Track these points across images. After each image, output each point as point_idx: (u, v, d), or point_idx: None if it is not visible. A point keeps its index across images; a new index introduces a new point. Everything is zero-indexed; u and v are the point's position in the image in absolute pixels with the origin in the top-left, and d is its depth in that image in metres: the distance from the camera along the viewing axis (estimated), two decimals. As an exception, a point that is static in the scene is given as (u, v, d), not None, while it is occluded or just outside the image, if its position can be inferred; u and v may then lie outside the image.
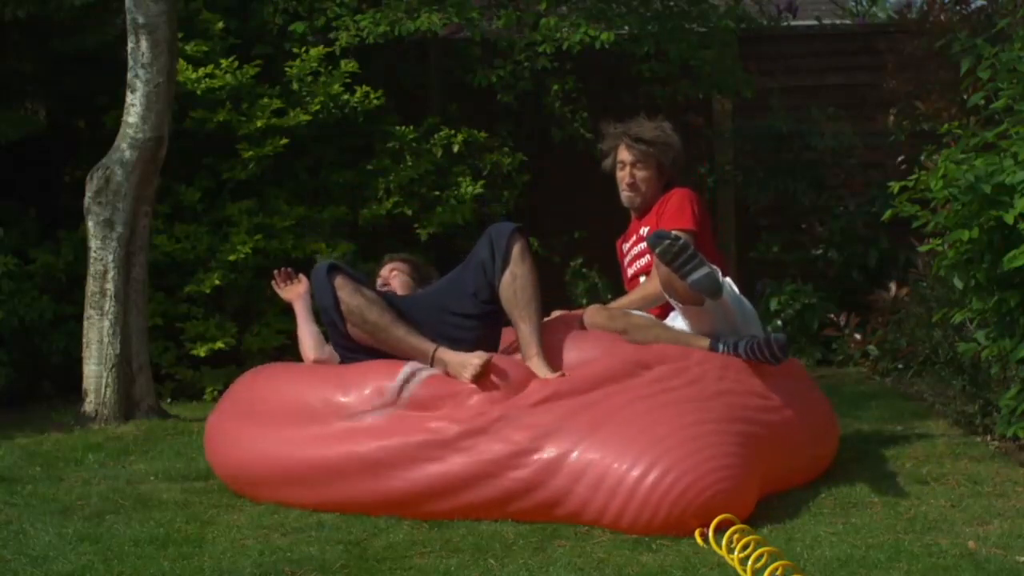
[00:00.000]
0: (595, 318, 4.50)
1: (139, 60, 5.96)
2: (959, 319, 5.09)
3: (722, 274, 4.30)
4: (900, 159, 7.79)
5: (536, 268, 4.33)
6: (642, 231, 4.78)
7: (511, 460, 3.86)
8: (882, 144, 8.16)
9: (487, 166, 7.80)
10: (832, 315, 7.49)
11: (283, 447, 4.13)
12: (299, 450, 4.09)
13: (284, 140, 7.21)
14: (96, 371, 5.93)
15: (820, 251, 8.15)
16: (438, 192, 7.59)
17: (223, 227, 7.24)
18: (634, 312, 4.56)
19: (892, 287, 7.27)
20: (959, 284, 4.82)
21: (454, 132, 7.69)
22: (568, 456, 3.82)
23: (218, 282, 7.02)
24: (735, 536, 3.42)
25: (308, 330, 4.71)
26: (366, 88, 7.50)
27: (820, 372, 7.13)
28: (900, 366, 6.79)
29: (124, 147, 5.99)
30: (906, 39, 7.97)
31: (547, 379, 4.07)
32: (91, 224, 6.00)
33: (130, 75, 5.99)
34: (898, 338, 6.85)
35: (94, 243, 5.99)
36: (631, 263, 4.89)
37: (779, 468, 4.10)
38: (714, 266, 4.15)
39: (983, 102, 5.09)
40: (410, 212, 7.49)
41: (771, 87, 8.50)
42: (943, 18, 7.61)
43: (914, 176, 5.02)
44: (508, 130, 8.12)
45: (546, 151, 8.23)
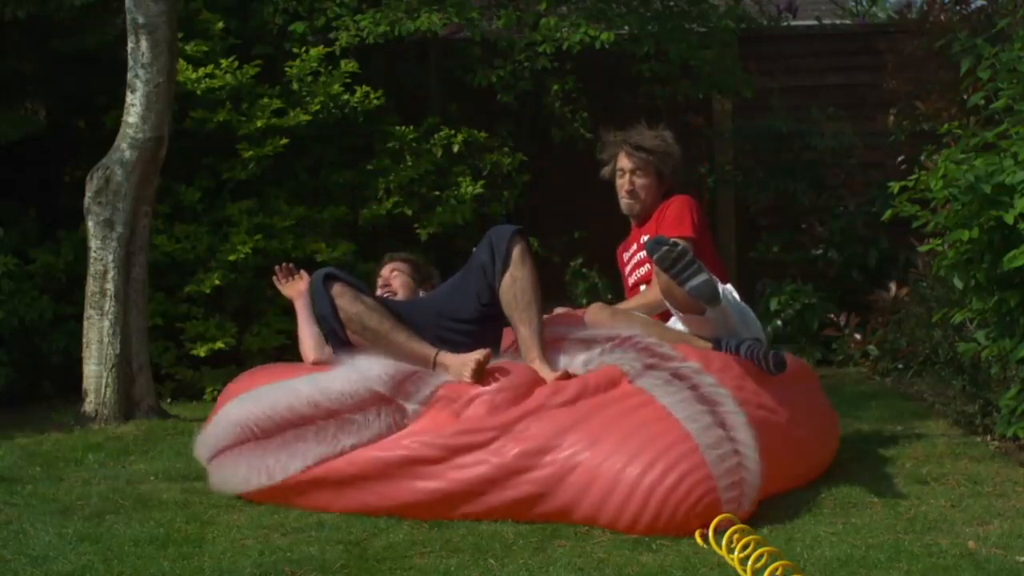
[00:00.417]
0: (598, 316, 4.50)
1: (139, 60, 5.96)
2: (959, 319, 5.08)
3: (722, 281, 4.30)
4: (900, 159, 7.79)
5: (537, 271, 4.31)
6: (643, 239, 4.77)
7: (515, 467, 3.84)
8: (882, 144, 8.16)
9: (487, 166, 7.80)
10: (832, 315, 7.48)
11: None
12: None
13: (284, 140, 7.21)
14: (96, 371, 5.93)
15: (820, 251, 8.14)
16: (438, 192, 7.59)
17: (223, 227, 7.24)
18: (636, 312, 4.56)
19: (892, 287, 7.27)
20: (959, 284, 4.82)
21: (454, 132, 7.69)
22: (570, 458, 3.81)
23: (218, 282, 7.01)
24: (735, 536, 3.42)
25: (309, 330, 4.69)
26: (366, 88, 7.50)
27: (820, 372, 7.06)
28: (900, 366, 6.79)
29: (124, 147, 5.99)
30: (906, 39, 7.98)
31: (549, 383, 4.05)
32: (91, 224, 6.00)
33: (130, 75, 5.99)
34: (898, 338, 6.85)
35: (94, 243, 5.99)
36: (632, 271, 4.88)
37: (782, 468, 4.09)
38: (713, 275, 4.14)
39: (983, 102, 5.09)
40: (410, 212, 7.49)
41: (771, 87, 8.50)
42: (943, 18, 7.62)
43: (914, 176, 5.01)
44: (508, 130, 8.12)
45: (546, 151, 8.23)
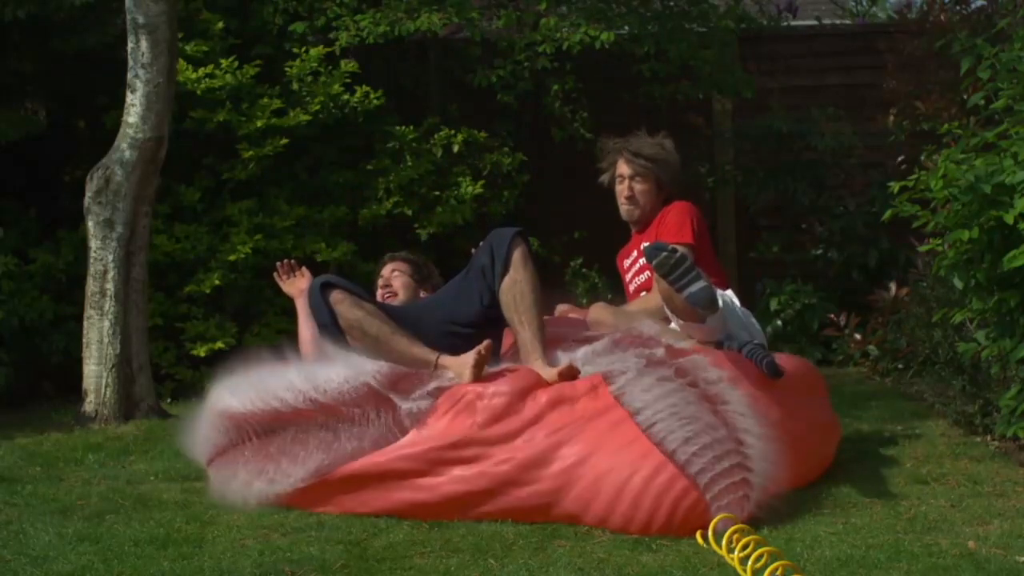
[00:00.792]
0: (599, 315, 4.50)
1: (139, 60, 5.96)
2: (959, 319, 5.08)
3: (723, 287, 4.29)
4: (900, 159, 7.78)
5: (537, 273, 4.29)
6: (643, 246, 4.77)
7: (519, 473, 3.84)
8: (882, 144, 8.15)
9: (487, 166, 7.80)
10: (832, 315, 7.48)
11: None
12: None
13: (284, 140, 7.21)
14: (96, 371, 5.93)
15: (820, 251, 8.14)
16: (438, 192, 7.59)
17: (223, 227, 7.24)
18: (637, 313, 4.56)
19: (892, 287, 7.27)
20: (959, 284, 4.81)
21: (454, 132, 7.69)
22: (573, 460, 3.81)
23: (218, 282, 7.01)
24: (735, 536, 3.42)
25: (308, 329, 4.69)
26: (366, 88, 7.50)
27: (820, 372, 7.11)
28: (900, 366, 6.78)
29: (124, 147, 5.99)
30: (906, 39, 7.97)
31: (550, 384, 4.03)
32: (91, 224, 6.00)
33: (130, 75, 5.99)
34: (898, 338, 6.84)
35: (94, 243, 5.99)
36: (632, 278, 4.88)
37: (782, 468, 4.08)
38: (712, 282, 4.12)
39: (983, 102, 5.08)
40: (410, 212, 7.49)
41: (771, 87, 8.51)
42: (943, 18, 7.61)
43: (914, 176, 5.01)
44: (508, 130, 8.12)
45: (546, 151, 8.23)
